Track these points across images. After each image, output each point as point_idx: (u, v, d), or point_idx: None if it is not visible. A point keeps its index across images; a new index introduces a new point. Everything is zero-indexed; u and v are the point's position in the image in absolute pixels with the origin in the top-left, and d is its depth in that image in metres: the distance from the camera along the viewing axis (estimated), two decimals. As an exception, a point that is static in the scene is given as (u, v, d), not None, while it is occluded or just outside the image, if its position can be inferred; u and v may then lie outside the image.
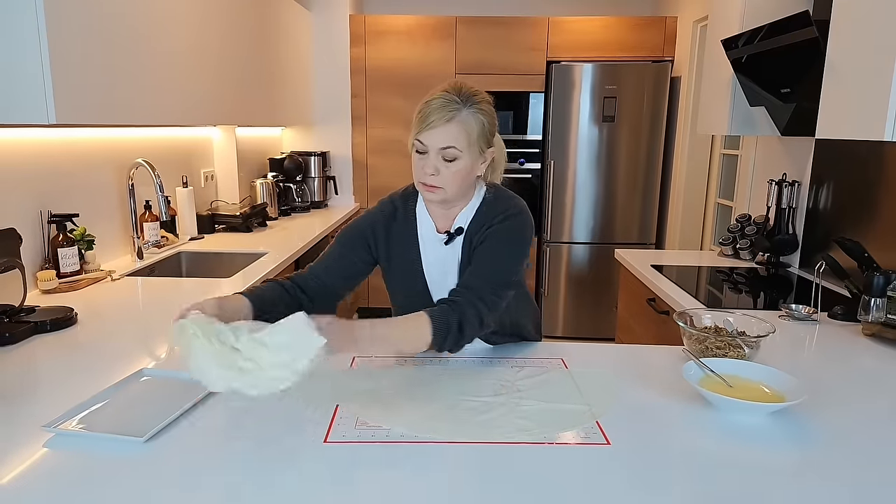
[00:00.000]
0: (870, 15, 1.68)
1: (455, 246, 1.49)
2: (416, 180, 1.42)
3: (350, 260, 1.51)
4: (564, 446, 1.09)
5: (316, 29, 4.41)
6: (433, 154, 1.36)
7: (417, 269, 1.50)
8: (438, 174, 1.37)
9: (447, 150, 1.35)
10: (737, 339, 1.44)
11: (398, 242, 1.51)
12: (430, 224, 1.50)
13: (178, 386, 1.29)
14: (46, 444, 1.07)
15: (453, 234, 1.48)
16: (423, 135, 1.36)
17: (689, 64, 4.05)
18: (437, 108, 1.34)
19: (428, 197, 1.43)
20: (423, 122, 1.35)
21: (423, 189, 1.41)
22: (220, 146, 3.58)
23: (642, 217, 4.39)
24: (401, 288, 1.55)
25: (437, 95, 1.37)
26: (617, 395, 1.29)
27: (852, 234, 2.26)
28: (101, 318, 1.79)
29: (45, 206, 2.17)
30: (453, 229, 1.48)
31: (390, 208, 1.54)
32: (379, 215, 1.53)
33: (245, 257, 2.74)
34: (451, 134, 1.34)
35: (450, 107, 1.34)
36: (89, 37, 1.90)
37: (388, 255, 1.52)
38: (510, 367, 1.44)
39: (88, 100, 1.90)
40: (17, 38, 1.69)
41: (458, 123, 1.34)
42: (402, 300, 1.56)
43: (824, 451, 1.10)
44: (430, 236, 1.51)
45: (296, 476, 0.98)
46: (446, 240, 1.48)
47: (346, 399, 1.25)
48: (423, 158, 1.38)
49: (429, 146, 1.36)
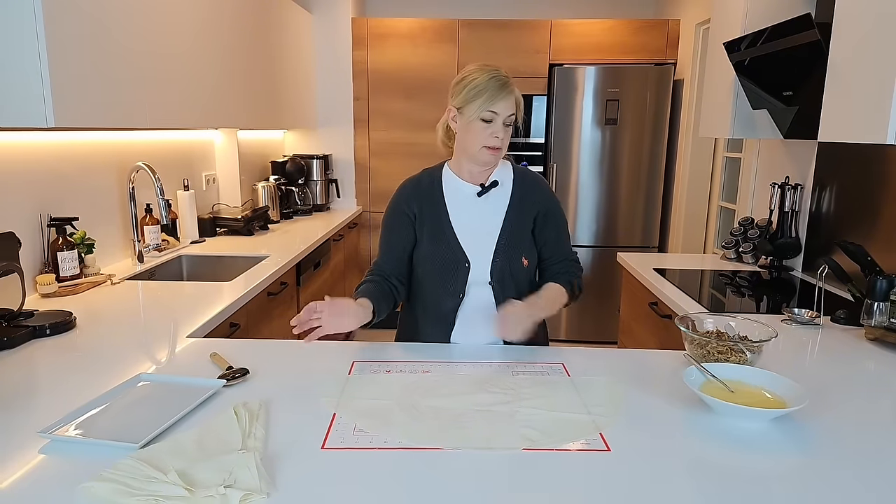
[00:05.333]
0: (872, 18, 1.67)
1: (492, 199, 1.66)
2: (477, 146, 1.57)
3: (401, 237, 1.69)
4: (565, 453, 1.08)
5: (318, 32, 4.42)
6: (499, 121, 1.54)
7: (447, 223, 1.65)
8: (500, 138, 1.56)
9: (510, 117, 1.56)
10: (738, 344, 1.43)
11: (428, 204, 1.67)
12: (459, 183, 1.67)
13: (175, 391, 1.29)
14: (42, 449, 1.06)
15: (488, 187, 1.65)
16: (496, 105, 1.53)
17: (691, 67, 4.04)
18: (503, 83, 1.54)
19: (490, 160, 1.60)
20: (494, 93, 1.52)
21: (488, 153, 1.57)
22: (221, 149, 3.58)
23: (645, 220, 4.37)
24: (432, 247, 1.65)
25: (491, 72, 1.54)
26: (621, 406, 1.27)
27: (855, 237, 2.25)
28: (100, 323, 1.79)
29: (45, 209, 2.17)
30: (488, 183, 1.66)
31: (414, 180, 1.72)
32: (407, 187, 1.71)
33: (246, 261, 2.73)
34: (513, 103, 1.56)
35: (508, 81, 1.55)
36: (88, 40, 1.90)
37: (422, 218, 1.66)
38: (511, 374, 1.43)
39: (87, 103, 1.89)
40: (16, 41, 1.69)
41: (516, 95, 1.57)
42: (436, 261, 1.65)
43: (826, 456, 1.08)
44: (458, 194, 1.66)
45: (293, 482, 0.97)
46: (480, 191, 1.65)
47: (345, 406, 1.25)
48: (488, 126, 1.54)
49: (500, 113, 1.54)
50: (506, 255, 1.63)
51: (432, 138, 1.73)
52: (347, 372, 1.43)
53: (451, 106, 1.59)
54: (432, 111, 4.39)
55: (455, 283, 1.63)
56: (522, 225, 1.66)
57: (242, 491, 0.92)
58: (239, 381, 1.35)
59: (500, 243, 1.63)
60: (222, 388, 1.32)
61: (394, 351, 1.58)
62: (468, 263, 1.62)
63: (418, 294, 1.71)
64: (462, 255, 1.63)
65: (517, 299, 1.56)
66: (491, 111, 1.52)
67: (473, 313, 1.64)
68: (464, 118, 1.56)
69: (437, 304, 1.66)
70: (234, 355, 1.49)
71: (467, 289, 1.63)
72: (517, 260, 1.64)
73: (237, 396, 1.27)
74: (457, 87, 1.57)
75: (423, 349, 1.59)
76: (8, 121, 1.72)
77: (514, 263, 1.64)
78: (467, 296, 1.64)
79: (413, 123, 4.44)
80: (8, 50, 1.69)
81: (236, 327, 2.08)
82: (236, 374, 1.36)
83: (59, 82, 1.75)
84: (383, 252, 1.71)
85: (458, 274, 1.63)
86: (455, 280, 1.63)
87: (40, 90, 1.71)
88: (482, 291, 1.64)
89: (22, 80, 1.70)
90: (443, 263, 1.64)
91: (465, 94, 1.54)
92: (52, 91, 1.72)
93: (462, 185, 1.66)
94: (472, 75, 1.55)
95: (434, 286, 1.66)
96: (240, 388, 1.33)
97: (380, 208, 4.56)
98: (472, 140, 1.56)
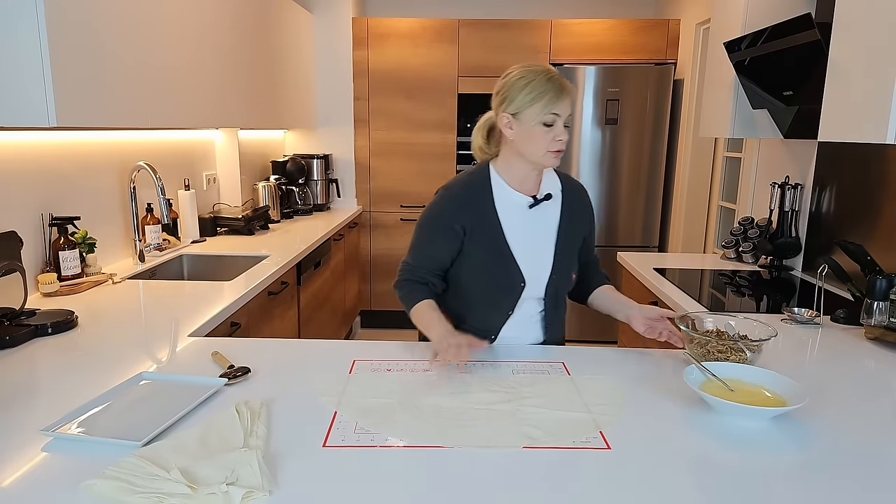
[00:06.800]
0: (872, 17, 1.67)
1: (545, 210, 1.59)
2: (541, 151, 1.49)
3: (443, 249, 1.59)
4: (565, 451, 1.08)
5: (318, 32, 4.42)
6: (560, 123, 1.48)
7: (500, 233, 1.56)
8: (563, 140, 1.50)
9: (569, 117, 1.50)
10: (738, 343, 1.43)
11: (479, 216, 1.56)
12: (511, 193, 1.57)
13: (176, 389, 1.29)
14: (45, 447, 1.07)
15: (540, 199, 1.58)
16: (559, 106, 1.46)
17: (691, 66, 4.04)
18: (561, 83, 1.47)
19: (554, 163, 1.53)
20: (556, 95, 1.45)
21: (552, 156, 1.50)
22: (222, 149, 3.59)
23: (645, 220, 4.38)
24: (486, 257, 1.56)
25: (545, 73, 1.47)
26: (621, 404, 1.27)
27: (855, 237, 2.25)
28: (101, 322, 1.79)
29: (47, 209, 2.17)
30: (541, 195, 1.58)
31: (461, 188, 1.60)
32: (455, 197, 1.59)
33: (247, 260, 2.74)
34: (571, 103, 1.49)
35: (564, 80, 1.48)
36: (90, 40, 1.90)
37: (472, 232, 1.56)
38: (512, 373, 1.43)
39: (89, 103, 1.90)
40: (18, 41, 1.69)
41: (572, 94, 1.50)
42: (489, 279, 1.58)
43: (826, 455, 1.09)
44: (510, 206, 1.57)
45: (295, 480, 0.98)
46: (532, 203, 1.57)
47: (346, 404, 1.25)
48: (551, 130, 1.47)
49: (561, 115, 1.47)
50: (560, 272, 1.60)
51: (432, 138, 1.72)
52: (348, 371, 1.43)
53: (505, 113, 1.49)
54: (432, 111, 4.40)
55: (507, 301, 1.59)
56: (574, 239, 1.63)
57: (245, 489, 0.92)
58: (240, 380, 1.36)
59: (556, 261, 1.59)
60: (224, 386, 1.32)
61: (394, 350, 1.59)
62: (524, 283, 1.57)
63: (461, 302, 1.62)
64: (518, 276, 1.56)
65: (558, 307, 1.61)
66: (553, 114, 1.45)
67: (519, 323, 1.62)
68: (522, 124, 1.47)
69: (483, 319, 1.61)
70: (235, 354, 1.50)
71: (518, 305, 1.60)
72: (569, 276, 1.63)
73: (239, 395, 1.28)
74: (509, 93, 1.48)
75: (423, 348, 1.59)
76: (10, 120, 1.73)
77: (567, 280, 1.63)
78: (516, 311, 1.60)
79: (413, 123, 4.44)
80: (10, 50, 1.69)
81: (237, 326, 2.08)
82: (237, 373, 1.37)
83: (61, 82, 1.75)
84: (420, 259, 1.61)
85: (512, 293, 1.58)
86: (508, 299, 1.58)
87: (42, 90, 1.71)
88: (532, 305, 1.61)
89: (24, 80, 1.71)
90: (496, 282, 1.57)
91: (521, 98, 1.46)
92: (54, 91, 1.72)
93: (513, 196, 1.57)
94: (524, 78, 1.47)
95: (482, 302, 1.60)
96: (241, 387, 1.33)
97: (380, 208, 4.57)
98: (534, 146, 1.48)
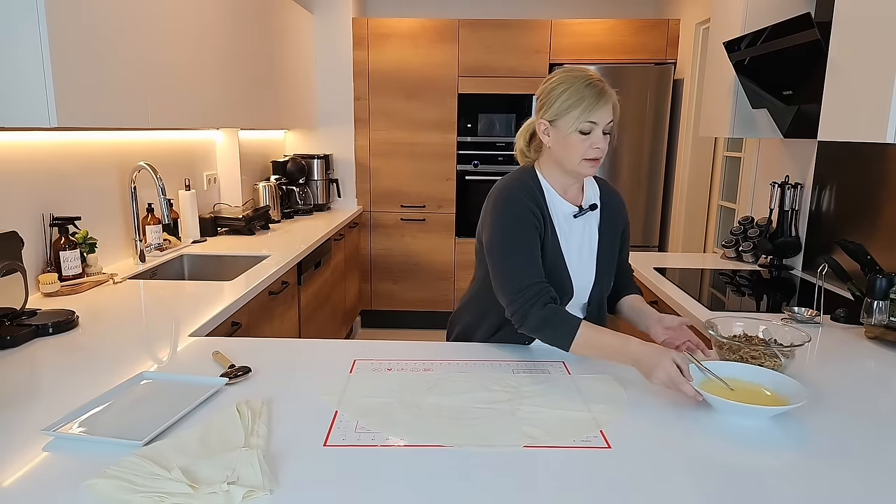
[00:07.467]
0: (872, 17, 1.67)
1: (588, 220, 1.57)
2: (577, 160, 1.45)
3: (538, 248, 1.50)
4: (566, 450, 1.08)
5: (319, 32, 4.42)
6: (598, 131, 1.42)
7: (557, 248, 1.53)
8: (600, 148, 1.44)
9: (609, 125, 1.43)
10: (772, 349, 1.39)
11: (543, 216, 1.52)
12: (559, 200, 1.55)
13: (177, 389, 1.30)
14: (46, 447, 1.07)
15: (585, 210, 1.56)
16: (595, 114, 1.40)
17: (691, 66, 4.04)
18: (600, 89, 1.41)
19: (591, 172, 1.49)
20: (593, 102, 1.40)
21: (588, 165, 1.45)
22: (222, 149, 3.59)
23: (645, 220, 4.38)
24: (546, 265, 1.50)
25: (584, 78, 1.42)
26: (621, 404, 1.28)
27: (855, 236, 2.26)
28: (102, 322, 1.80)
29: (47, 209, 2.18)
30: (586, 205, 1.57)
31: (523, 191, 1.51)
32: (525, 198, 1.50)
33: (247, 260, 2.74)
34: (611, 109, 1.43)
35: (605, 86, 1.42)
36: (91, 40, 1.90)
37: (541, 229, 1.51)
38: (512, 372, 1.44)
39: (90, 103, 1.90)
40: (19, 41, 1.69)
41: (613, 100, 1.44)
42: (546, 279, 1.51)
43: (826, 454, 1.09)
44: (559, 213, 1.54)
45: (295, 479, 0.98)
46: (577, 212, 1.55)
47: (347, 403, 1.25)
48: (588, 138, 1.42)
49: (599, 122, 1.41)
50: (601, 282, 1.59)
51: (433, 138, 1.71)
52: (349, 370, 1.44)
53: (542, 119, 1.46)
54: (433, 111, 4.40)
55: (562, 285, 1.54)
56: (613, 250, 1.62)
57: (245, 488, 0.92)
58: (241, 380, 1.36)
59: (599, 272, 1.58)
60: (224, 386, 1.32)
61: (395, 349, 1.59)
62: (572, 294, 1.55)
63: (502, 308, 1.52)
64: (569, 287, 1.54)
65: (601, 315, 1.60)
66: (590, 122, 1.41)
67: None
68: (559, 132, 1.44)
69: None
70: (235, 354, 1.50)
71: None
72: (609, 285, 1.63)
73: (239, 394, 1.28)
74: (547, 99, 1.45)
75: (424, 347, 1.59)
76: (11, 121, 1.73)
77: (607, 289, 1.62)
78: None
79: (413, 123, 4.44)
80: (10, 50, 1.69)
81: (238, 326, 2.08)
82: (238, 373, 1.37)
83: (62, 83, 1.76)
84: (531, 271, 1.46)
85: (562, 301, 1.53)
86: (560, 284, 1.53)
87: (43, 91, 1.72)
88: (576, 313, 1.58)
89: (25, 81, 1.71)
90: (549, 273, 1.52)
91: (558, 105, 1.42)
92: (55, 91, 1.72)
93: (562, 203, 1.54)
94: (562, 84, 1.43)
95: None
96: (242, 387, 1.33)
97: (380, 208, 4.57)
98: (570, 154, 1.44)
